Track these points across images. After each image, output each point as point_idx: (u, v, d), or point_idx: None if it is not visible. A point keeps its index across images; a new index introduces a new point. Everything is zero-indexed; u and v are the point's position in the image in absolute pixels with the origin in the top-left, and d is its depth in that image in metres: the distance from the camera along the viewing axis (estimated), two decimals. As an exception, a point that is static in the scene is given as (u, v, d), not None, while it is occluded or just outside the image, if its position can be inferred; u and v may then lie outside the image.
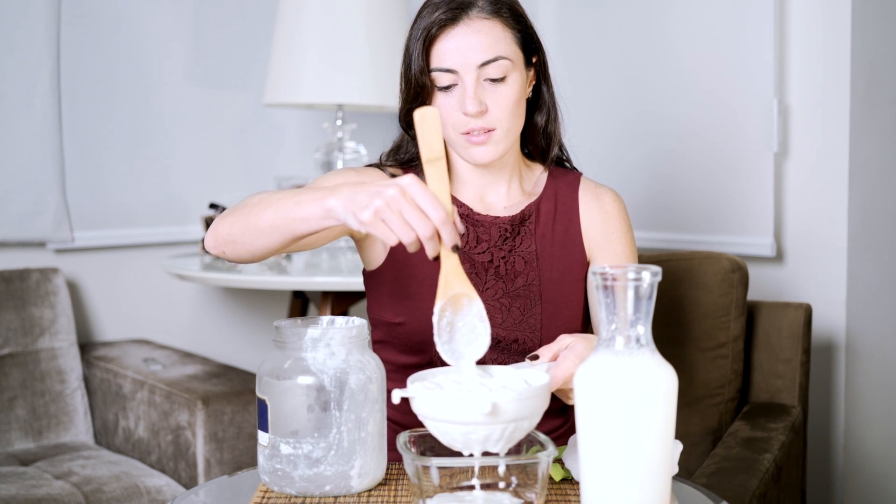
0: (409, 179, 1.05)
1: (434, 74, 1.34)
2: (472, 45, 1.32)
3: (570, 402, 1.20)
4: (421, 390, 1.04)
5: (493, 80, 1.33)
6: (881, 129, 2.34)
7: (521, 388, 1.05)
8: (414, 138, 1.43)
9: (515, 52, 1.35)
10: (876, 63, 2.32)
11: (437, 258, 1.07)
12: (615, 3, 2.72)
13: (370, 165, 1.47)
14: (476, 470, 1.06)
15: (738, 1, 2.40)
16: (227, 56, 2.84)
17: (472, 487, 1.06)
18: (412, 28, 1.36)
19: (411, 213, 1.03)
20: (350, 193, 1.08)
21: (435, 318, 1.08)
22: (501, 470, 1.06)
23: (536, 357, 1.20)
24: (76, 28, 2.58)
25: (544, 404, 1.06)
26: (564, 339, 1.20)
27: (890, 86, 2.35)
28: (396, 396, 1.05)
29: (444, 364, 1.36)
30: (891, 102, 2.35)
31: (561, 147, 1.48)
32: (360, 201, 1.06)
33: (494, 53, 1.32)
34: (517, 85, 1.35)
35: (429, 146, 1.07)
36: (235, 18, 2.84)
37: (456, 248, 1.06)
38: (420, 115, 1.08)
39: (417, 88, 1.35)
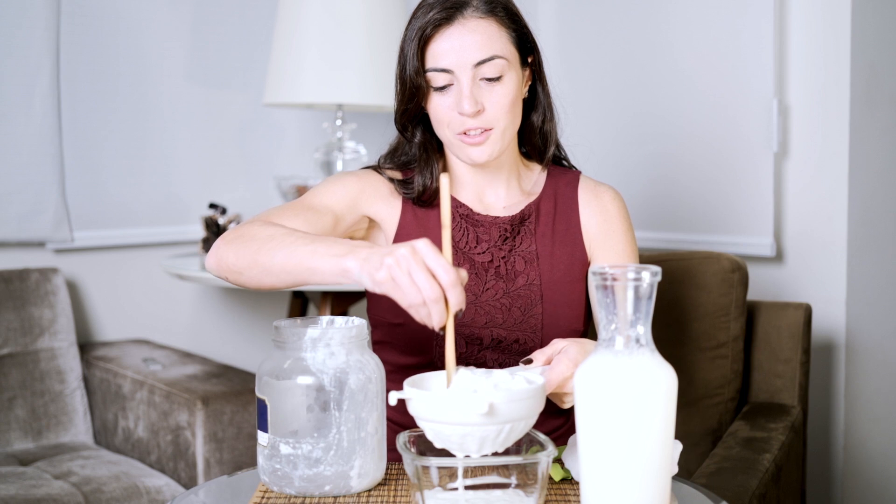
0: (422, 242, 1.05)
1: (429, 75, 1.33)
2: (467, 44, 1.32)
3: (564, 406, 1.20)
4: (417, 392, 1.04)
5: (489, 80, 1.33)
6: (881, 129, 2.34)
7: (518, 388, 1.05)
8: (409, 140, 1.43)
9: (511, 52, 1.35)
10: (876, 63, 2.32)
11: (442, 329, 1.06)
12: (615, 3, 2.72)
13: (368, 167, 1.47)
14: (469, 469, 1.06)
15: (737, 1, 2.40)
16: (227, 56, 2.84)
17: (470, 487, 1.06)
18: (406, 29, 1.36)
19: (419, 274, 1.03)
20: (367, 255, 1.08)
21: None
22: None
23: (530, 361, 1.20)
24: (76, 28, 2.58)
25: (540, 405, 1.06)
26: (558, 343, 1.20)
27: (890, 86, 2.34)
28: (393, 398, 1.05)
29: (444, 366, 1.36)
30: (891, 102, 2.35)
31: (558, 146, 1.48)
32: (374, 261, 1.07)
33: (490, 52, 1.32)
34: (513, 84, 1.35)
35: (443, 211, 1.08)
36: (235, 18, 2.84)
37: (458, 314, 1.06)
38: (444, 181, 1.08)
39: (413, 90, 1.35)
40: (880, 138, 2.34)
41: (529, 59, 1.40)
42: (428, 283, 1.03)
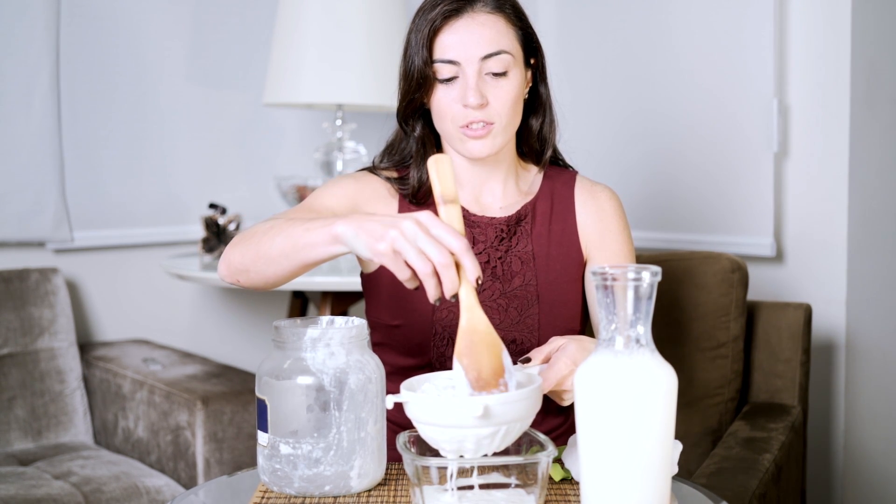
0: (425, 214, 1.03)
1: (436, 66, 1.34)
2: (475, 37, 1.32)
3: (563, 404, 1.19)
4: (413, 395, 1.04)
5: (495, 74, 1.34)
6: (881, 129, 2.34)
7: (513, 390, 1.05)
8: (409, 134, 1.43)
9: (516, 49, 1.36)
10: (876, 63, 2.31)
11: (455, 297, 1.03)
12: (615, 3, 2.72)
13: (364, 170, 1.47)
14: (475, 469, 1.06)
15: (738, 1, 2.40)
16: (227, 56, 2.84)
17: (471, 487, 1.06)
18: (414, 21, 1.36)
19: (427, 243, 1.01)
20: (362, 220, 1.07)
21: (458, 367, 1.05)
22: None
23: (528, 360, 1.20)
24: (75, 28, 2.58)
25: (536, 406, 1.05)
26: (556, 341, 1.20)
27: (890, 86, 2.34)
28: (390, 402, 1.05)
29: (442, 367, 1.36)
30: (891, 102, 2.35)
31: (555, 150, 1.48)
32: (375, 231, 1.04)
33: (497, 47, 1.33)
34: (517, 81, 1.35)
35: (445, 186, 1.06)
36: (235, 18, 2.84)
37: (478, 282, 1.03)
38: (434, 160, 1.07)
39: (419, 80, 1.35)
40: (880, 138, 2.34)
41: (532, 61, 1.41)
42: (437, 251, 1.00)
